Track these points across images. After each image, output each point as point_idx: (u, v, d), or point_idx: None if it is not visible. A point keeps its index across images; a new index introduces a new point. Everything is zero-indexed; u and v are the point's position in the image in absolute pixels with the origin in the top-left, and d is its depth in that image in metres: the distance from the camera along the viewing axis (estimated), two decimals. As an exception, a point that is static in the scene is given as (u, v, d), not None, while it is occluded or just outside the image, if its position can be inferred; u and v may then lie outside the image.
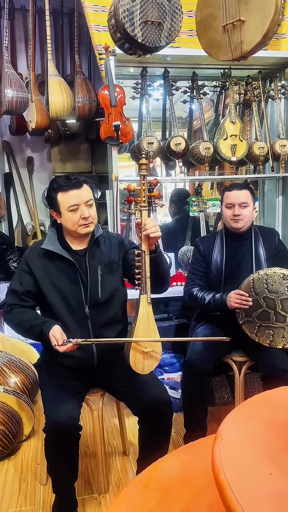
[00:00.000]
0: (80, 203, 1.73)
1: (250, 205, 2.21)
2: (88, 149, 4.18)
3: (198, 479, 1.27)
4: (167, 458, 1.41)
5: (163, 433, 1.72)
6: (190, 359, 2.10)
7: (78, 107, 3.29)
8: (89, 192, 1.78)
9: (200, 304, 2.25)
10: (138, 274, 1.69)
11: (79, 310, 1.80)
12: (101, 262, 1.85)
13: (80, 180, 1.74)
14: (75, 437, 1.62)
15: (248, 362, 2.25)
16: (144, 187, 1.64)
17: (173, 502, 1.20)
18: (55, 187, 1.75)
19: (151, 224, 1.66)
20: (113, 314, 1.86)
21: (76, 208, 1.73)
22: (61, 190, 1.73)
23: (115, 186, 2.50)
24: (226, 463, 0.91)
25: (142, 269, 1.69)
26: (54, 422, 1.56)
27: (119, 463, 2.19)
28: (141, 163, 1.64)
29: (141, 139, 2.56)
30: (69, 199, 1.73)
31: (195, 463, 1.36)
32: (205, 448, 1.44)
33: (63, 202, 1.74)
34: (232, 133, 2.60)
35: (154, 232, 1.66)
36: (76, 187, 1.73)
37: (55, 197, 1.76)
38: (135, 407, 1.74)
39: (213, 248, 2.30)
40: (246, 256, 2.26)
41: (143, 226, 1.65)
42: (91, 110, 3.34)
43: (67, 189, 1.73)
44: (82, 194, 1.74)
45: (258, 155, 2.66)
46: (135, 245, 1.96)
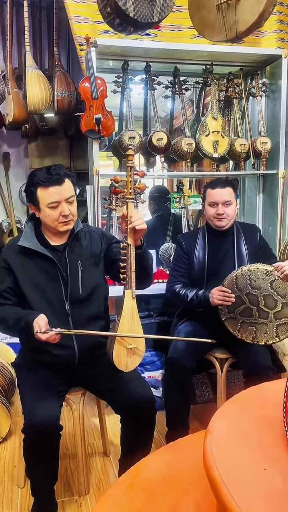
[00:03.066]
0: (61, 200, 1.68)
1: (233, 202, 2.20)
2: (66, 145, 4.10)
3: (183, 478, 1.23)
4: (151, 458, 1.37)
5: (147, 432, 1.68)
6: (172, 357, 2.07)
7: (57, 101, 3.22)
8: (71, 188, 1.72)
9: (183, 301, 2.22)
10: (123, 268, 1.65)
11: (59, 307, 1.74)
12: (81, 257, 1.80)
13: (61, 174, 1.68)
14: (56, 438, 1.56)
15: (230, 359, 2.24)
16: (131, 178, 1.60)
17: (159, 503, 1.16)
18: (35, 182, 1.68)
19: (136, 216, 1.62)
20: (94, 310, 1.81)
21: (56, 205, 1.67)
22: (41, 185, 1.67)
23: (96, 181, 2.45)
24: (218, 459, 0.88)
25: (127, 263, 1.64)
26: (34, 422, 1.50)
27: (100, 463, 2.13)
28: (127, 154, 1.59)
29: (123, 134, 2.52)
30: (49, 195, 1.67)
31: (180, 462, 1.32)
32: (188, 447, 1.41)
33: (43, 198, 1.68)
34: (214, 129, 2.59)
35: (140, 224, 1.61)
36: (57, 183, 1.67)
37: (34, 192, 1.69)
38: (117, 406, 1.69)
39: (195, 245, 2.28)
40: (228, 252, 2.25)
41: (129, 219, 1.61)
42: (70, 104, 3.28)
43: (47, 185, 1.66)
44: (63, 190, 1.68)
45: (239, 152, 2.65)
46: (118, 240, 1.91)
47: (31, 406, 1.55)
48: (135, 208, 2.69)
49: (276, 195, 2.74)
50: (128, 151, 1.61)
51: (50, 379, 1.70)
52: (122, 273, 1.66)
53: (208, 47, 2.63)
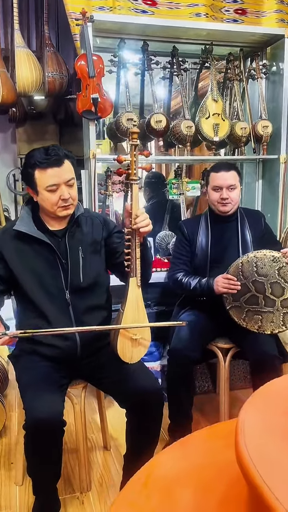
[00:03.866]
0: (60, 183, 1.57)
1: (238, 186, 2.12)
2: (56, 130, 3.96)
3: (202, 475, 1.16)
4: (164, 454, 1.29)
5: (154, 425, 1.60)
6: (176, 347, 1.99)
7: (48, 82, 3.07)
8: (71, 170, 1.61)
9: (185, 290, 2.14)
10: (128, 254, 1.55)
11: (59, 297, 1.64)
12: (82, 243, 1.70)
13: (60, 155, 1.57)
14: (59, 434, 1.47)
15: (234, 348, 2.17)
16: (136, 158, 1.50)
17: (178, 502, 1.08)
18: (32, 163, 1.57)
19: (142, 217, 1.53)
20: (96, 300, 1.71)
21: (55, 188, 1.57)
22: (39, 167, 1.56)
23: (93, 165, 2.33)
24: (254, 456, 0.81)
25: (131, 249, 1.55)
26: (36, 417, 1.41)
27: (100, 458, 2.06)
28: (132, 132, 1.49)
29: (120, 115, 2.40)
30: (48, 178, 1.56)
31: (195, 457, 1.25)
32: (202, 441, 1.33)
33: (41, 181, 1.57)
34: (214, 112, 2.49)
35: (145, 226, 1.52)
36: (56, 165, 1.56)
37: (31, 173, 1.58)
38: (123, 399, 1.61)
39: (197, 231, 2.20)
40: (232, 239, 2.17)
41: (134, 219, 1.51)
42: (62, 86, 3.13)
43: (46, 167, 1.55)
44: (63, 172, 1.57)
45: (240, 135, 2.57)
46: (120, 229, 1.82)
47: (32, 401, 1.46)
48: (132, 194, 2.61)
49: (276, 181, 2.67)
50: (132, 129, 1.51)
51: (51, 372, 1.60)
52: (127, 260, 1.57)
53: (207, 25, 2.53)
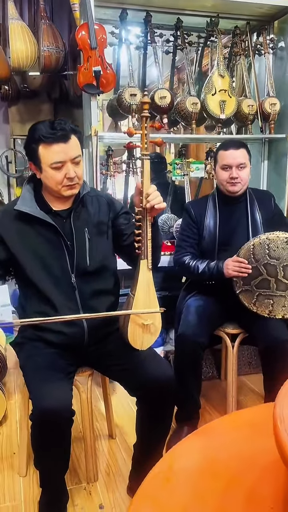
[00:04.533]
0: (66, 160, 1.46)
1: (248, 165, 2.03)
2: (50, 110, 3.82)
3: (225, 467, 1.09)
4: (183, 445, 1.22)
5: (167, 414, 1.53)
6: (184, 333, 1.91)
7: (44, 57, 2.92)
8: (77, 146, 1.50)
9: (193, 274, 2.06)
10: (138, 235, 1.46)
11: (64, 281, 1.55)
12: (88, 224, 1.60)
13: (67, 130, 1.46)
14: (68, 424, 1.40)
15: (242, 334, 2.11)
16: (147, 131, 1.39)
17: (203, 496, 1.01)
18: (36, 137, 1.46)
19: (154, 194, 1.42)
20: (104, 284, 1.63)
21: (60, 166, 1.46)
22: (44, 142, 1.45)
23: (95, 143, 2.22)
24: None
25: (142, 229, 1.45)
26: (44, 408, 1.33)
27: (106, 447, 1.99)
28: (143, 102, 1.38)
29: (122, 91, 2.29)
30: (53, 154, 1.45)
31: (217, 448, 1.18)
32: (223, 431, 1.26)
33: (45, 157, 1.46)
34: (220, 88, 2.39)
35: (158, 203, 1.42)
36: (63, 140, 1.45)
37: (35, 149, 1.47)
38: (134, 387, 1.53)
39: (205, 213, 2.11)
40: (241, 220, 2.09)
41: (145, 197, 1.42)
42: (58, 62, 2.99)
43: (51, 142, 1.44)
44: (69, 149, 1.46)
45: (247, 113, 2.47)
46: (127, 210, 1.72)
47: (39, 390, 1.38)
48: (135, 175, 2.51)
49: (283, 161, 2.58)
50: (143, 98, 1.40)
51: (57, 359, 1.52)
52: (137, 241, 1.48)
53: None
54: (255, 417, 1.35)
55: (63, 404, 1.35)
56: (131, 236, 1.62)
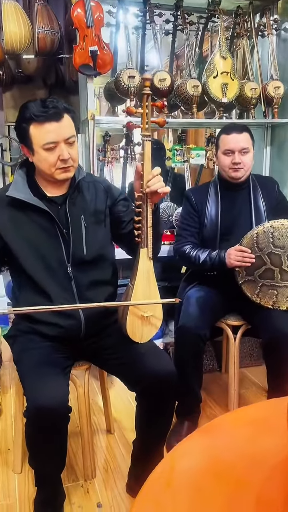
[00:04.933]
0: (59, 140, 1.37)
1: (251, 150, 1.95)
2: (46, 96, 3.70)
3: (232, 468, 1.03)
4: (185, 445, 1.15)
5: (168, 410, 1.47)
6: (185, 325, 1.84)
7: (39, 39, 2.81)
8: (71, 125, 1.41)
9: (194, 264, 1.99)
10: (138, 222, 1.38)
11: (60, 271, 1.48)
12: (84, 212, 1.52)
13: (59, 108, 1.37)
14: (65, 421, 1.33)
15: (244, 326, 2.04)
16: (148, 110, 1.31)
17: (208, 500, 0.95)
18: (27, 116, 1.37)
19: (156, 179, 1.34)
20: (101, 274, 1.55)
21: (53, 146, 1.38)
22: (35, 121, 1.36)
23: (91, 127, 2.13)
24: None
25: (142, 216, 1.38)
26: (39, 404, 1.25)
27: (104, 442, 1.93)
28: (144, 78, 1.29)
29: (120, 73, 2.19)
30: (45, 134, 1.36)
31: (222, 448, 1.11)
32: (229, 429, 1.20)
33: (37, 138, 1.37)
34: (222, 70, 2.29)
35: (160, 188, 1.34)
36: (55, 119, 1.36)
37: (26, 128, 1.38)
38: (133, 382, 1.46)
39: (206, 200, 2.03)
40: (243, 208, 2.01)
41: (146, 181, 1.33)
42: (53, 44, 2.88)
43: (43, 121, 1.35)
44: (62, 129, 1.38)
45: (249, 97, 2.37)
46: (126, 197, 1.64)
47: (34, 385, 1.30)
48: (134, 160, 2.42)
49: (287, 147, 2.50)
50: (145, 75, 1.31)
51: (53, 353, 1.45)
52: (137, 228, 1.40)
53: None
54: (260, 413, 1.28)
55: (59, 401, 1.28)
56: (130, 223, 1.54)
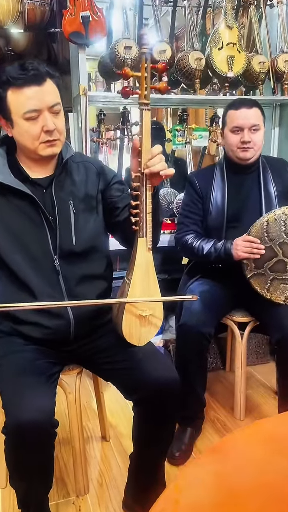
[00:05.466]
0: (42, 108, 1.18)
1: (262, 127, 1.75)
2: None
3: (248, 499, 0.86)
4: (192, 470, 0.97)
5: (170, 422, 1.30)
6: (188, 323, 1.66)
7: (27, 11, 2.58)
8: (55, 92, 1.22)
9: (197, 255, 1.80)
10: (136, 208, 1.19)
11: (45, 264, 1.29)
12: (73, 196, 1.33)
13: (41, 71, 1.17)
14: (50, 438, 1.15)
15: (252, 322, 1.87)
16: (147, 73, 1.11)
17: None
18: (3, 80, 1.17)
19: (157, 157, 1.13)
20: (93, 268, 1.36)
21: (35, 115, 1.18)
22: (13, 85, 1.16)
23: (83, 104, 1.92)
24: None
25: (140, 200, 1.18)
26: (19, 420, 1.08)
27: (98, 451, 1.76)
28: (142, 34, 1.08)
29: (116, 44, 1.98)
30: (26, 101, 1.16)
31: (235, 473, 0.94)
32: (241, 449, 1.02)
33: (16, 105, 1.18)
34: (228, 41, 2.08)
35: (162, 169, 1.13)
36: (36, 83, 1.16)
37: (3, 96, 1.18)
38: (130, 390, 1.28)
39: (211, 185, 1.83)
40: (252, 193, 1.82)
41: (145, 160, 1.13)
42: (43, 16, 2.64)
43: (21, 85, 1.15)
44: (45, 94, 1.18)
45: (257, 72, 2.17)
46: (120, 179, 1.44)
47: (14, 397, 1.12)
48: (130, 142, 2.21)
49: (297, 127, 2.29)
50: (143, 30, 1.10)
51: (38, 358, 1.26)
52: (134, 215, 1.20)
53: None
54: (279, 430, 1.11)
55: (43, 416, 1.09)
56: (125, 210, 1.35)
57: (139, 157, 1.15)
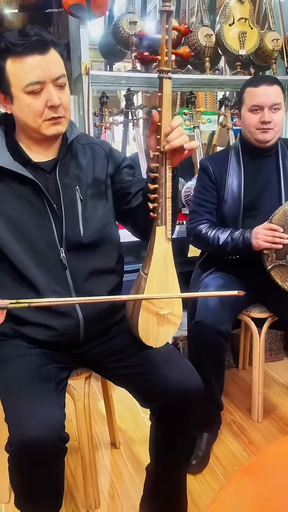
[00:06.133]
0: (46, 79, 1.03)
1: (282, 107, 1.61)
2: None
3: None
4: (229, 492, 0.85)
5: (191, 432, 1.17)
6: (205, 320, 1.53)
7: (22, -11, 2.43)
8: (60, 63, 1.07)
9: (212, 246, 1.66)
10: (154, 192, 1.05)
11: (51, 256, 1.15)
12: (80, 181, 1.18)
13: (45, 38, 1.03)
14: (61, 455, 1.02)
15: (270, 318, 1.74)
16: (168, 37, 0.96)
17: None
18: (2, 47, 1.02)
19: (177, 132, 0.99)
20: (104, 261, 1.22)
21: (39, 88, 1.03)
22: (13, 54, 1.01)
23: (86, 84, 1.77)
24: None
25: (160, 183, 1.04)
26: (27, 436, 0.94)
27: (108, 460, 1.63)
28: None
29: (120, 19, 1.83)
30: (27, 71, 1.02)
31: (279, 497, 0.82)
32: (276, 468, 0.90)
33: (16, 77, 1.03)
34: (240, 16, 1.93)
35: (184, 143, 0.99)
36: (39, 51, 1.01)
37: (2, 66, 1.04)
38: (148, 398, 1.15)
39: (226, 170, 1.69)
40: (271, 179, 1.68)
41: (165, 135, 0.99)
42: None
43: (22, 53, 1.01)
44: (50, 64, 1.03)
45: (271, 50, 2.02)
46: (130, 163, 1.30)
47: (20, 409, 0.99)
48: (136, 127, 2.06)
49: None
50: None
51: (45, 363, 1.13)
52: (152, 200, 1.06)
53: None
54: None
55: (53, 431, 0.96)
56: (138, 196, 1.21)
57: (157, 133, 1.01)
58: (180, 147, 1.00)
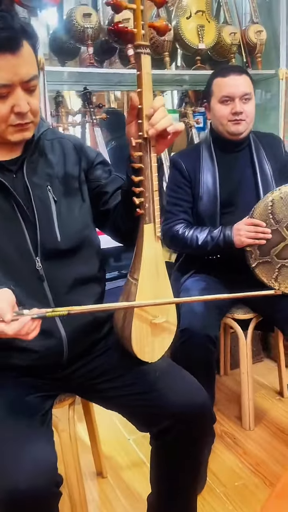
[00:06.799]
0: (14, 82, 0.88)
1: (253, 97, 1.55)
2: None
3: None
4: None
5: (200, 456, 1.04)
6: (193, 327, 1.41)
7: None
8: (32, 60, 0.91)
9: (190, 247, 1.56)
10: (138, 186, 0.92)
11: (24, 267, 0.99)
12: (50, 179, 1.04)
13: (16, 31, 0.86)
14: (55, 501, 0.86)
15: (255, 319, 1.66)
16: (143, 7, 0.86)
17: None
18: None
19: (161, 113, 0.87)
20: (85, 267, 1.08)
21: (5, 92, 0.88)
22: None
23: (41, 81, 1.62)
24: None
25: (145, 174, 0.92)
26: (17, 486, 0.77)
27: (96, 491, 1.46)
28: None
29: (73, 11, 1.70)
30: None
31: None
32: None
33: None
34: (197, 9, 1.87)
35: (169, 126, 0.88)
36: (9, 49, 0.85)
37: None
38: (147, 421, 1.01)
39: (199, 166, 1.60)
40: (246, 172, 1.61)
41: (147, 118, 0.88)
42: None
43: None
44: (21, 64, 0.87)
45: (229, 44, 1.97)
46: (104, 159, 1.17)
47: (5, 456, 0.81)
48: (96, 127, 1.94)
49: (273, 104, 2.14)
50: None
51: (27, 394, 0.96)
52: (138, 194, 0.94)
53: None
54: None
55: (45, 476, 0.80)
56: (116, 195, 1.09)
57: (138, 117, 0.89)
58: (164, 131, 0.88)
